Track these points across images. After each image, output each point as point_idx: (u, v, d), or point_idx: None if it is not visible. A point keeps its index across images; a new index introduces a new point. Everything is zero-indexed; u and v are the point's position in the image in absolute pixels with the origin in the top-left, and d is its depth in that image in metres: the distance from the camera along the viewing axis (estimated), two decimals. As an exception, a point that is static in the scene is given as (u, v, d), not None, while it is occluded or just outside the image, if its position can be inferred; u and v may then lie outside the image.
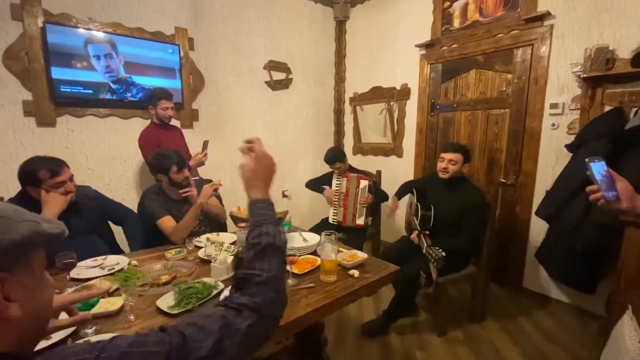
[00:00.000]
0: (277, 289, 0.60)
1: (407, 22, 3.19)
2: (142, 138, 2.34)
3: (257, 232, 0.65)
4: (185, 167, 1.89)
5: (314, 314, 1.15)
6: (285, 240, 0.67)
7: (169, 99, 2.33)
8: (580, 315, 2.25)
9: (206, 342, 0.48)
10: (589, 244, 1.90)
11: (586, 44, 2.11)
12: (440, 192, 2.12)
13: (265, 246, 0.62)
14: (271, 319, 0.59)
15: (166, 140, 2.33)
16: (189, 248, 1.63)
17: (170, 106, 2.34)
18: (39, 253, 0.48)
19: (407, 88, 3.26)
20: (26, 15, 2.08)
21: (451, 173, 2.05)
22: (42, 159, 1.50)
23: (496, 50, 2.58)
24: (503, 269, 2.62)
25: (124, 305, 1.11)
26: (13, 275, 0.43)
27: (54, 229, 0.49)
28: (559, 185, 2.10)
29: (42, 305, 0.49)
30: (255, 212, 0.69)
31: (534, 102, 2.40)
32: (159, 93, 2.32)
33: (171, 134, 2.45)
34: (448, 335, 2.07)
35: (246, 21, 3.11)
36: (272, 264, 0.61)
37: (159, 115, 2.33)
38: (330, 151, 2.74)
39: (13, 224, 0.43)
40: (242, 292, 0.58)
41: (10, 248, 0.42)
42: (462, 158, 2.04)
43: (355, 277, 1.38)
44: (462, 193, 2.03)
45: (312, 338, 1.76)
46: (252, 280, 0.58)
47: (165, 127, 2.41)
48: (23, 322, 0.44)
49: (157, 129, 2.38)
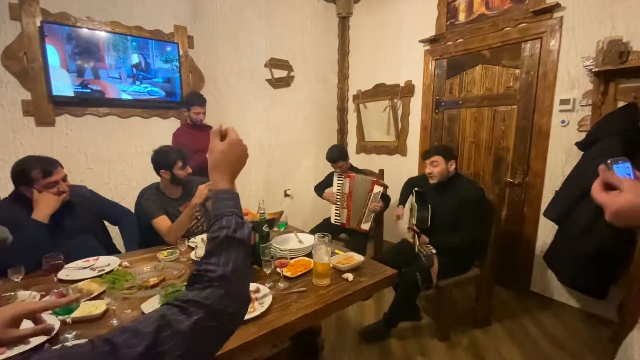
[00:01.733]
0: (233, 284, 0.54)
1: (411, 16, 3.11)
2: (174, 137, 2.59)
3: (217, 225, 0.59)
4: (188, 164, 1.89)
5: (304, 319, 1.11)
6: (248, 233, 0.61)
7: (202, 105, 2.59)
8: (591, 321, 2.15)
9: (138, 347, 0.42)
10: (600, 247, 1.80)
11: (598, 37, 2.01)
12: (436, 193, 2.07)
13: (223, 239, 0.57)
14: (225, 316, 0.52)
15: (196, 139, 2.51)
16: (182, 249, 1.60)
17: (202, 111, 2.59)
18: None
19: (411, 85, 3.17)
20: (24, 15, 2.08)
21: (438, 176, 2.01)
22: (35, 159, 1.49)
23: (503, 44, 2.48)
24: (510, 271, 2.53)
25: (108, 309, 1.08)
26: None
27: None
28: (569, 185, 2.00)
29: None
30: (217, 204, 0.63)
31: (543, 98, 2.30)
32: (193, 99, 2.57)
33: (202, 134, 2.59)
34: (451, 340, 2.00)
35: (247, 19, 3.07)
36: (229, 258, 0.55)
37: (191, 118, 2.59)
38: (333, 149, 2.68)
39: None
40: (191, 288, 0.53)
41: None
42: (442, 157, 1.99)
43: (349, 280, 1.33)
44: (457, 191, 1.97)
45: (308, 341, 1.72)
46: (204, 276, 0.53)
47: (197, 128, 2.61)
48: None
49: (189, 129, 2.62)
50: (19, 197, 1.48)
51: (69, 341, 0.94)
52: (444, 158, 1.99)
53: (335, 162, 2.63)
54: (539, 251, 2.39)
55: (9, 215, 1.40)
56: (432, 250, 1.70)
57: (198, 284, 0.52)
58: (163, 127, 2.71)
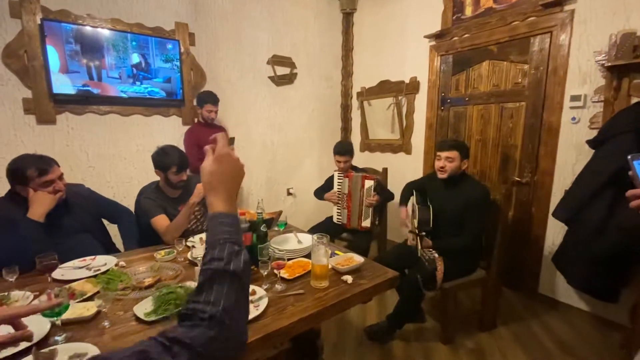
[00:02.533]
0: (223, 325, 0.49)
1: (416, 11, 3.04)
2: (186, 134, 2.65)
3: (209, 256, 0.54)
4: (185, 170, 1.84)
5: (299, 323, 1.07)
6: (243, 264, 0.55)
7: (214, 103, 2.63)
8: (601, 325, 2.08)
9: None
10: (611, 249, 1.73)
11: (611, 30, 1.93)
12: (441, 191, 2.00)
13: (214, 273, 0.52)
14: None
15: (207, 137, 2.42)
16: (179, 249, 1.58)
17: (214, 109, 2.64)
18: None
19: (416, 81, 3.11)
20: (24, 13, 2.07)
21: (449, 171, 1.92)
22: (31, 157, 1.47)
23: (511, 39, 2.40)
24: (517, 273, 2.46)
25: (99, 310, 1.06)
26: None
27: None
28: (580, 184, 1.93)
29: None
30: (212, 229, 0.57)
31: (553, 94, 2.22)
32: (206, 97, 2.60)
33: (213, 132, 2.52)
34: (455, 343, 1.95)
35: (249, 15, 3.03)
36: (220, 295, 0.50)
37: (203, 116, 2.63)
38: (343, 142, 2.68)
39: None
40: (182, 324, 0.49)
41: None
42: (459, 154, 1.91)
43: (348, 283, 1.29)
44: (463, 190, 1.91)
45: (308, 344, 1.68)
46: (195, 315, 0.48)
47: (209, 126, 2.66)
48: None
49: (200, 128, 2.66)
50: (15, 196, 1.47)
51: (59, 343, 0.92)
52: (461, 155, 1.91)
53: (342, 155, 2.56)
54: (547, 252, 2.32)
55: (4, 214, 1.39)
56: (434, 255, 1.64)
57: (188, 320, 0.48)
58: (164, 125, 2.69)
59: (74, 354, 0.86)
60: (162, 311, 1.05)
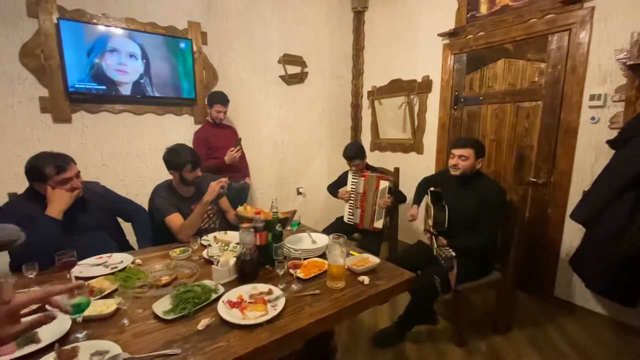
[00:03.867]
0: None
1: (430, 9, 3.00)
2: (195, 134, 2.66)
3: None
4: (199, 166, 1.85)
5: (317, 324, 1.06)
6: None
7: (224, 104, 2.64)
8: (619, 330, 2.03)
9: None
10: (631, 252, 1.69)
11: (633, 27, 1.88)
12: (455, 190, 1.97)
13: None
14: None
15: (216, 138, 2.62)
16: (194, 247, 1.58)
17: (223, 110, 2.64)
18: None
19: (428, 80, 3.07)
20: (41, 12, 2.10)
21: (462, 169, 1.89)
22: (49, 155, 1.49)
23: (528, 37, 2.35)
24: (532, 275, 2.42)
25: (119, 308, 1.06)
26: None
27: None
28: (600, 185, 1.88)
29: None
30: None
31: (571, 93, 2.18)
32: (216, 98, 2.61)
33: (222, 132, 2.71)
34: (469, 345, 1.92)
35: (260, 14, 3.03)
36: None
37: (212, 116, 2.64)
38: (351, 146, 2.62)
39: None
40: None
41: None
42: (474, 153, 1.88)
43: (365, 284, 1.27)
44: (477, 189, 1.87)
45: (321, 345, 1.67)
46: None
47: (218, 126, 2.69)
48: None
49: (209, 127, 2.68)
50: (33, 193, 1.49)
51: (80, 341, 0.92)
52: (476, 154, 1.88)
53: (352, 159, 2.56)
54: (564, 255, 2.27)
55: (24, 211, 1.41)
56: (451, 253, 1.62)
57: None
58: (177, 124, 2.71)
59: (96, 352, 0.86)
60: (181, 310, 1.05)
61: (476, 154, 1.89)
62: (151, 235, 1.91)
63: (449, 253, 1.63)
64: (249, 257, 1.29)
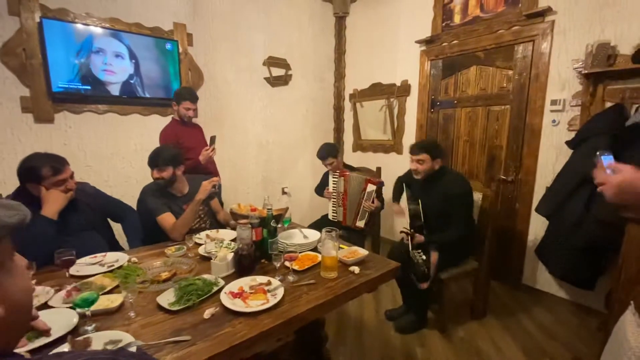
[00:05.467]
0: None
1: (408, 17, 3.17)
2: (162, 134, 2.43)
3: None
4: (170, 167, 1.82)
5: (314, 310, 1.15)
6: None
7: (193, 101, 2.44)
8: (580, 312, 2.26)
9: None
10: (589, 240, 1.90)
11: (587, 40, 2.10)
12: (422, 189, 2.10)
13: None
14: None
15: (185, 137, 2.44)
16: (189, 245, 1.63)
17: (193, 107, 2.44)
18: (2, 244, 0.44)
19: (407, 84, 3.24)
20: (23, 10, 2.05)
21: (423, 173, 2.01)
22: (44, 156, 1.49)
23: (497, 46, 2.56)
24: (503, 265, 2.62)
25: (124, 302, 1.11)
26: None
27: (11, 218, 0.45)
28: (560, 181, 2.10)
29: (17, 295, 0.45)
30: None
31: (535, 98, 2.39)
32: (185, 94, 2.41)
33: (191, 131, 2.53)
34: (449, 331, 2.07)
35: (245, 16, 3.08)
36: None
37: (180, 113, 2.43)
38: (322, 147, 2.71)
39: None
40: None
41: None
42: (429, 156, 1.98)
43: (355, 273, 1.38)
44: (442, 186, 1.99)
45: (312, 335, 1.76)
46: None
47: (186, 125, 2.49)
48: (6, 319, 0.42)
49: (177, 126, 2.46)
50: (24, 194, 1.48)
51: (89, 333, 0.96)
52: (431, 157, 1.99)
53: (324, 159, 2.67)
54: (530, 245, 2.49)
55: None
56: (422, 257, 1.78)
57: None
58: (162, 125, 2.69)
59: (109, 341, 0.91)
60: (185, 301, 1.11)
61: (432, 157, 1.98)
62: (141, 235, 1.93)
63: (420, 257, 1.80)
64: (247, 252, 1.36)
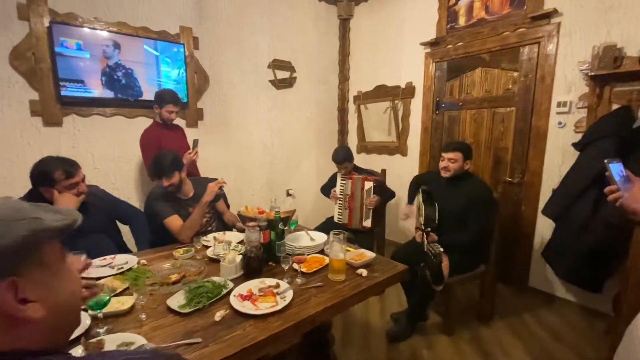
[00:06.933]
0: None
1: (412, 20, 3.18)
2: (143, 137, 2.36)
3: None
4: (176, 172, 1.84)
5: (323, 313, 1.15)
6: None
7: (176, 104, 2.37)
8: (587, 314, 2.24)
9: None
10: (596, 243, 1.89)
11: (594, 42, 2.10)
12: (444, 190, 2.12)
13: None
14: None
15: (167, 140, 2.36)
16: (197, 247, 1.64)
17: (175, 110, 2.37)
18: (50, 247, 0.46)
19: (411, 86, 3.24)
20: (32, 15, 2.08)
21: (452, 172, 2.05)
22: (57, 160, 1.51)
23: (502, 48, 2.56)
24: (509, 268, 2.61)
25: (135, 304, 1.12)
26: (24, 276, 0.42)
27: (59, 222, 0.47)
28: (567, 184, 2.09)
29: (67, 297, 0.48)
30: None
31: (541, 100, 2.39)
32: (168, 96, 2.34)
33: (173, 133, 2.47)
34: (456, 334, 2.06)
35: (250, 20, 3.10)
36: None
37: (162, 116, 2.36)
38: (339, 150, 2.71)
39: (9, 227, 0.41)
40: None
41: (10, 252, 0.40)
42: (462, 156, 2.03)
43: (363, 276, 1.38)
44: (466, 188, 2.03)
45: (319, 337, 1.76)
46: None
47: (167, 127, 2.42)
48: (50, 319, 0.44)
49: (159, 129, 2.39)
50: (36, 197, 1.50)
51: (101, 335, 0.97)
52: (464, 157, 2.04)
53: (341, 163, 2.67)
54: (537, 248, 2.48)
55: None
56: (439, 249, 1.75)
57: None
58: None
59: (122, 343, 0.92)
60: (196, 303, 1.12)
61: (464, 156, 2.04)
62: (149, 237, 1.94)
63: (437, 249, 1.77)
64: (255, 254, 1.37)
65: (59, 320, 0.46)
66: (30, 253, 0.43)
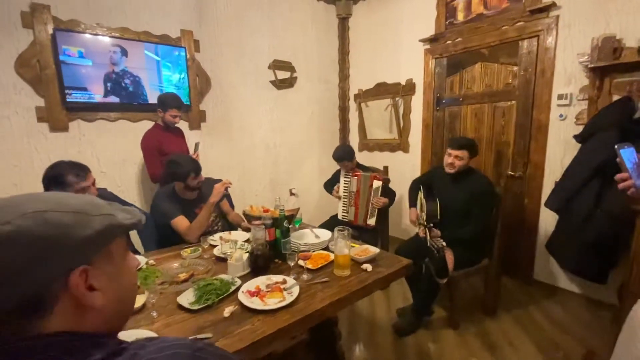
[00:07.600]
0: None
1: (410, 17, 3.19)
2: (144, 140, 2.37)
3: None
4: (201, 172, 1.92)
5: (329, 307, 1.18)
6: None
7: (179, 108, 2.39)
8: (592, 305, 2.25)
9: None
10: (599, 234, 1.90)
11: (593, 34, 2.10)
12: (448, 185, 2.13)
13: None
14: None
15: (168, 143, 2.39)
16: (204, 246, 1.67)
17: (179, 114, 2.39)
18: (118, 242, 0.51)
19: (412, 83, 3.26)
20: (36, 23, 2.12)
21: (457, 168, 2.07)
22: (68, 164, 1.54)
23: (501, 42, 2.57)
24: (513, 261, 2.62)
25: (146, 302, 1.15)
26: (94, 266, 0.46)
27: (129, 220, 0.52)
28: (569, 176, 2.10)
29: (125, 289, 0.52)
30: None
31: (541, 93, 2.40)
32: (171, 101, 2.35)
33: (173, 136, 2.48)
34: (461, 328, 2.08)
35: (250, 21, 3.12)
36: None
37: (165, 120, 2.38)
38: (339, 148, 2.74)
39: (89, 219, 0.45)
40: None
41: (88, 242, 0.45)
42: (468, 154, 2.06)
43: (368, 271, 1.40)
44: (469, 183, 2.05)
45: (326, 332, 1.79)
46: None
47: (169, 130, 2.44)
48: (108, 307, 0.47)
49: (160, 132, 2.41)
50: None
51: (115, 333, 1.00)
52: (470, 155, 2.06)
53: (341, 161, 2.69)
54: (541, 240, 2.49)
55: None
56: (442, 243, 1.77)
57: None
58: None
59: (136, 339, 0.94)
60: (205, 300, 1.14)
61: (470, 154, 2.06)
62: (156, 238, 1.97)
63: (440, 243, 1.79)
64: (261, 252, 1.40)
65: (116, 308, 0.50)
66: (102, 245, 0.48)
